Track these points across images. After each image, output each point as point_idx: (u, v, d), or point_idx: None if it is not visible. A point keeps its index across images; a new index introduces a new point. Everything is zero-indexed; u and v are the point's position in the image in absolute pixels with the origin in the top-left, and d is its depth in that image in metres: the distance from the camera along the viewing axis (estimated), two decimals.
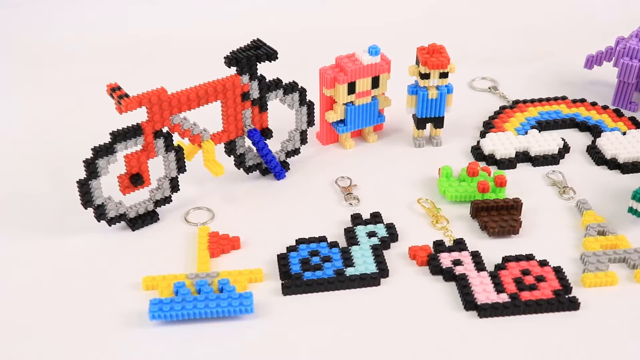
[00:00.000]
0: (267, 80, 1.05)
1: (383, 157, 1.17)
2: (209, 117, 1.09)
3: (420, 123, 1.17)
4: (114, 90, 0.95)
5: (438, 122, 1.17)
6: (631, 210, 1.01)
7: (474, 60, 1.43)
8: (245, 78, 1.03)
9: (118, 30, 1.54)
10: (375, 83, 1.13)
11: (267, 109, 1.07)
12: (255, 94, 1.05)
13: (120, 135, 0.96)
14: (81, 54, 1.47)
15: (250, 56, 1.02)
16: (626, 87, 1.24)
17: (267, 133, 1.09)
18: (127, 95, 0.94)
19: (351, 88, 1.12)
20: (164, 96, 0.97)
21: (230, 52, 1.02)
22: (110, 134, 0.96)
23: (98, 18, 1.58)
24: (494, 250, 0.99)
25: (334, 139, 1.19)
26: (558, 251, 0.99)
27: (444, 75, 1.12)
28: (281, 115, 1.14)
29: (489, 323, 0.89)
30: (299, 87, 1.09)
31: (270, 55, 1.03)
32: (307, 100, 1.11)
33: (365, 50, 1.11)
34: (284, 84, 1.07)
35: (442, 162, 1.13)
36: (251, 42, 1.05)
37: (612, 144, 1.14)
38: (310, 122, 1.12)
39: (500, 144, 1.15)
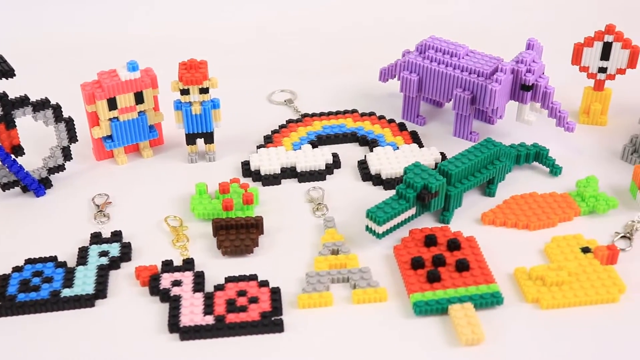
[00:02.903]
0: (10, 98, 1.04)
1: (154, 173, 1.16)
2: None
3: (189, 138, 1.15)
4: None
5: (208, 138, 1.16)
6: (367, 228, 1.00)
7: (282, 72, 1.42)
8: None
9: None
10: (140, 99, 1.12)
11: (15, 126, 1.06)
12: None
13: None
14: None
15: None
16: (411, 100, 1.23)
17: (17, 150, 1.08)
18: None
19: (112, 104, 1.11)
20: None
21: None
22: None
23: None
24: (227, 269, 0.98)
25: (109, 154, 1.18)
26: (291, 270, 0.98)
27: (204, 90, 1.10)
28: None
29: (191, 346, 0.88)
30: (52, 103, 1.07)
31: (6, 73, 1.01)
32: (67, 116, 1.09)
33: (124, 65, 1.10)
34: (32, 101, 1.06)
35: (212, 178, 1.12)
36: None
37: (379, 159, 1.13)
38: (72, 138, 1.11)
39: (267, 159, 1.14)
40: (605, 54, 1.17)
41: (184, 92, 1.10)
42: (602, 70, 1.19)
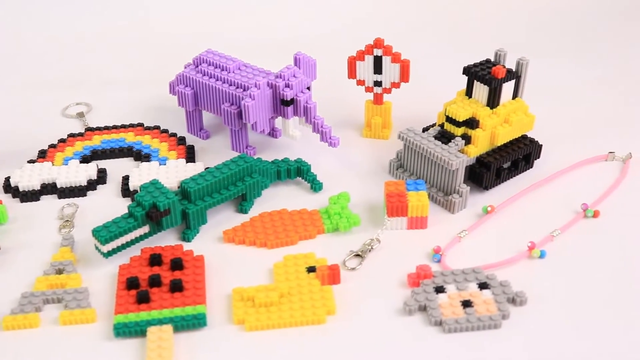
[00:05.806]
0: None
1: None
2: None
3: None
4: None
5: None
6: (96, 247, 0.99)
7: (83, 85, 1.41)
8: None
9: None
10: None
11: None
12: None
13: None
14: None
15: None
16: (192, 114, 1.22)
17: None
18: None
19: None
20: None
21: None
22: None
23: None
24: None
25: None
26: (14, 290, 0.96)
27: None
28: None
29: None
30: None
31: None
32: None
33: None
34: None
35: None
36: None
37: (141, 175, 1.12)
38: None
39: (28, 175, 1.12)
40: (378, 68, 1.16)
41: None
42: (378, 83, 1.18)
